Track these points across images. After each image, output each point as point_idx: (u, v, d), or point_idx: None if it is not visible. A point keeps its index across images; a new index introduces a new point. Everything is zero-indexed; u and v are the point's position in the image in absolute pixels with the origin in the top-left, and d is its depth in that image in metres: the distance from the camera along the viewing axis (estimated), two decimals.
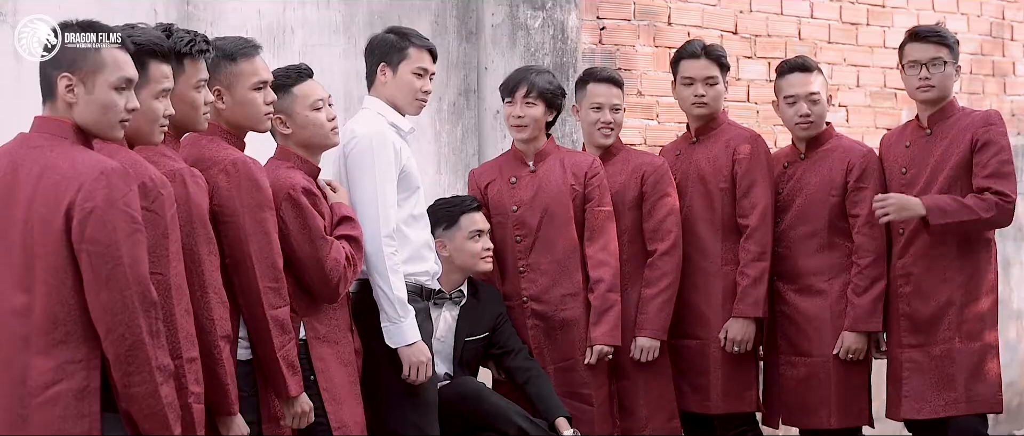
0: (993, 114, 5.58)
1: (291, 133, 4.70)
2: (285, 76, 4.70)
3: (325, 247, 4.56)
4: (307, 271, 4.56)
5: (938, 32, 5.58)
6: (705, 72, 5.68)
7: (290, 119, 4.68)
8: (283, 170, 4.63)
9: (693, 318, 5.71)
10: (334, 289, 4.60)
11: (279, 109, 4.61)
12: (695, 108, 5.71)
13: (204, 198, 4.06)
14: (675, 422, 5.67)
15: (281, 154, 4.73)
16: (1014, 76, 8.38)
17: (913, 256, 5.55)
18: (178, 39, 4.07)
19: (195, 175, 4.05)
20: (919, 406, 5.54)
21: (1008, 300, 7.81)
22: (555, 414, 5.36)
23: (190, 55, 4.11)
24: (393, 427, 4.96)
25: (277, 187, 4.53)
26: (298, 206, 4.55)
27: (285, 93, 4.65)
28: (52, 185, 3.60)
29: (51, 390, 3.58)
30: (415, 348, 4.88)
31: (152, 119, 3.92)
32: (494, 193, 5.58)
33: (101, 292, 3.56)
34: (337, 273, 4.58)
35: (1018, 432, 8.23)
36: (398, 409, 4.95)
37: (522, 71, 5.60)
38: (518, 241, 5.53)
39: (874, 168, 5.63)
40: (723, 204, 5.68)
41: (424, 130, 6.22)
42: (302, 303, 4.60)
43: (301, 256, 4.54)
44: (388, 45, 5.06)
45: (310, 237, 4.55)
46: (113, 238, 3.56)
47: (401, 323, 4.86)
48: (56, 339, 3.59)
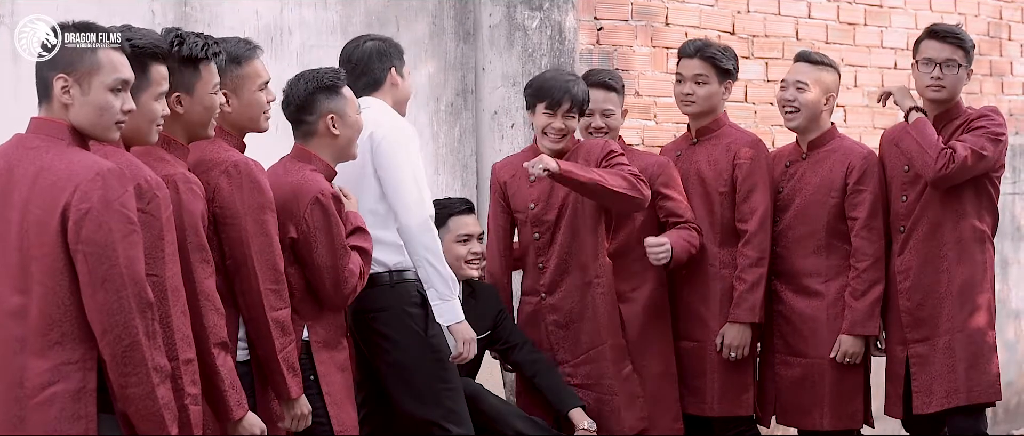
0: (991, 108, 5.62)
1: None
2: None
3: (345, 257, 4.59)
4: (323, 278, 4.57)
5: (957, 33, 5.58)
6: (695, 71, 5.67)
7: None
8: (308, 172, 4.63)
9: (691, 320, 5.71)
10: (344, 299, 4.63)
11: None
12: (682, 105, 5.72)
13: (197, 204, 4.04)
14: (679, 424, 5.68)
15: (303, 156, 4.72)
16: (1011, 76, 8.39)
17: (912, 252, 5.57)
18: (193, 45, 4.08)
19: (189, 181, 4.05)
20: (928, 400, 5.55)
21: (1006, 300, 7.82)
22: (570, 404, 5.38)
23: (206, 59, 4.12)
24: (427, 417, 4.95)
25: (303, 189, 4.55)
26: (326, 212, 4.56)
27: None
28: (48, 186, 3.59)
29: (47, 391, 3.58)
30: (465, 326, 4.97)
31: (151, 120, 3.92)
32: (513, 191, 5.59)
33: (97, 293, 3.56)
34: (351, 284, 4.60)
35: (1017, 432, 8.23)
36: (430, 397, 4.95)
37: (560, 82, 5.47)
38: (536, 238, 5.53)
39: (874, 171, 5.63)
40: (722, 208, 5.67)
41: (422, 131, 6.22)
42: (307, 307, 4.60)
43: (320, 263, 4.56)
44: (396, 49, 5.15)
45: (333, 245, 4.56)
46: (109, 239, 3.56)
47: (452, 301, 4.94)
48: (52, 340, 3.58)
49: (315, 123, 4.69)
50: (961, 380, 5.50)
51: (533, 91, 5.49)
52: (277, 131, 4.77)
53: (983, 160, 5.41)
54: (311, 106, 4.69)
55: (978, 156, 5.39)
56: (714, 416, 5.73)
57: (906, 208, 5.58)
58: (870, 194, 5.59)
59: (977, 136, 5.42)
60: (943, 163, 5.36)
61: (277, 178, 4.56)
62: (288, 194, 4.55)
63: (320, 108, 4.68)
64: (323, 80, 4.70)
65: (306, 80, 4.73)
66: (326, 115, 4.67)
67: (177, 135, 4.14)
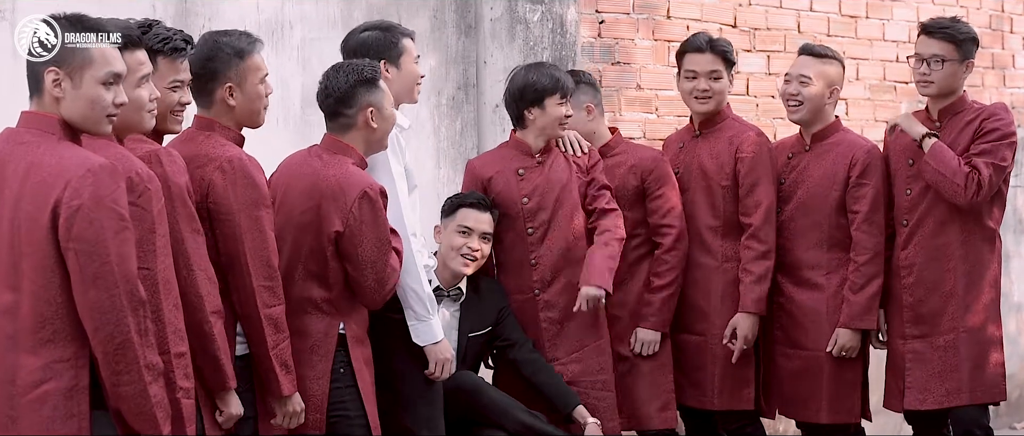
0: (999, 106, 5.60)
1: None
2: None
3: (389, 253, 4.59)
4: (366, 273, 4.57)
5: (947, 28, 5.54)
6: (709, 66, 5.67)
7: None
8: (350, 166, 4.61)
9: (693, 314, 5.71)
10: (385, 296, 4.64)
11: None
12: (698, 103, 5.70)
13: (182, 176, 4.03)
14: (669, 413, 5.65)
15: (338, 147, 4.68)
16: (1014, 69, 8.37)
17: (916, 247, 5.56)
18: (153, 37, 4.06)
19: (171, 154, 4.04)
20: (922, 397, 5.55)
21: (1008, 293, 7.80)
22: (573, 403, 5.37)
23: (164, 54, 4.10)
24: (405, 423, 4.97)
25: (350, 183, 4.54)
26: (375, 208, 4.57)
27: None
28: (39, 182, 3.58)
29: (40, 389, 3.57)
30: (441, 346, 4.92)
31: (139, 107, 3.91)
32: (501, 186, 5.53)
33: (89, 290, 3.55)
34: (392, 281, 4.62)
35: (1018, 425, 8.23)
36: (412, 405, 4.96)
37: (558, 71, 5.53)
38: (530, 233, 5.51)
39: (876, 165, 5.61)
40: (725, 201, 5.67)
41: (423, 125, 6.22)
42: (343, 302, 4.62)
43: (365, 258, 4.55)
44: (383, 42, 5.03)
45: (379, 240, 4.57)
46: (100, 236, 3.55)
47: (429, 321, 4.89)
48: (44, 338, 3.57)
49: (355, 116, 4.68)
50: (964, 379, 5.49)
51: (546, 85, 5.41)
52: (276, 125, 4.76)
53: (1004, 171, 5.43)
54: (351, 99, 4.68)
55: (999, 169, 5.40)
56: (715, 409, 5.73)
57: (910, 202, 5.57)
58: (872, 188, 5.58)
59: (993, 146, 5.40)
60: (974, 190, 5.36)
61: (315, 170, 4.55)
62: (334, 187, 4.54)
63: (360, 101, 4.67)
64: (363, 73, 4.68)
65: (346, 72, 4.71)
66: (366, 108, 4.66)
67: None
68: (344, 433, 4.63)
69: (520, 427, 5.25)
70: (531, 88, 5.45)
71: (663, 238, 5.60)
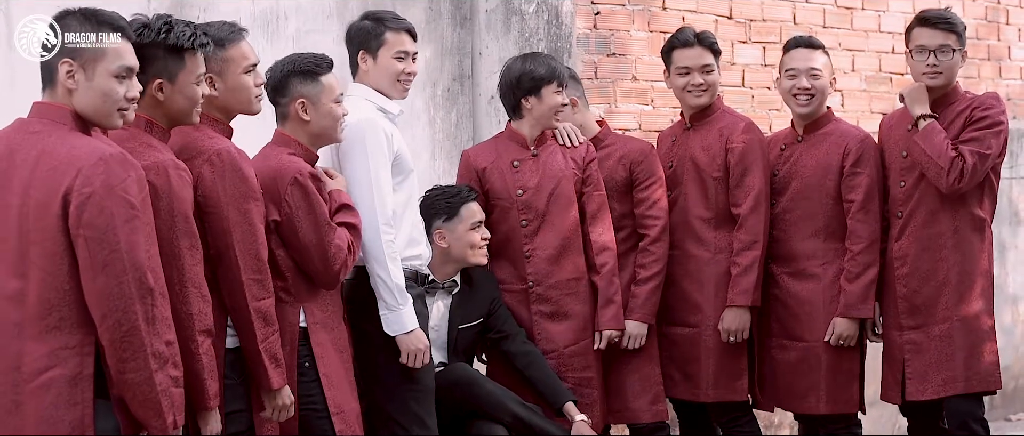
0: (991, 95, 5.59)
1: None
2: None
3: (330, 233, 4.57)
4: (310, 257, 4.56)
5: (947, 18, 5.54)
6: (701, 60, 5.67)
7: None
8: (285, 156, 4.62)
9: (685, 306, 5.70)
10: (335, 275, 4.61)
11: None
12: (694, 97, 5.69)
13: (187, 192, 4.03)
14: (659, 406, 5.65)
15: (281, 140, 4.72)
16: (1009, 60, 8.38)
17: (909, 238, 5.55)
18: (181, 33, 4.05)
19: (179, 168, 4.03)
20: (922, 387, 5.54)
21: (1004, 285, 7.81)
22: (563, 399, 5.37)
23: (192, 50, 4.10)
24: (391, 413, 4.96)
25: (281, 172, 4.54)
26: (306, 191, 4.55)
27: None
28: (49, 170, 3.60)
29: (44, 376, 3.59)
30: (413, 335, 4.90)
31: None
32: (495, 177, 5.53)
33: (97, 277, 3.57)
34: (339, 259, 4.59)
35: (1013, 417, 8.25)
36: (396, 395, 4.95)
37: (553, 60, 5.55)
38: (524, 225, 5.51)
39: (871, 154, 5.62)
40: (717, 192, 5.67)
41: (418, 116, 6.21)
42: (301, 289, 4.60)
43: (305, 242, 4.54)
44: (365, 32, 5.06)
45: (316, 223, 4.55)
46: (111, 223, 3.57)
47: (400, 311, 4.87)
48: (50, 325, 3.59)
49: (287, 106, 4.70)
50: (959, 368, 5.50)
51: (543, 74, 5.43)
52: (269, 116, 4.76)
53: (989, 159, 5.41)
54: (284, 88, 4.70)
55: (984, 158, 5.39)
56: (708, 402, 5.73)
57: (904, 193, 5.57)
58: (866, 177, 5.58)
59: (981, 134, 5.40)
60: (956, 176, 5.35)
61: (258, 164, 4.55)
62: (268, 178, 4.53)
63: (292, 92, 4.67)
64: (300, 64, 4.70)
65: (285, 63, 4.74)
66: (297, 99, 4.67)
67: (158, 121, 4.11)
68: (312, 427, 4.62)
69: (515, 420, 5.25)
70: (528, 76, 5.45)
71: (648, 230, 5.61)
